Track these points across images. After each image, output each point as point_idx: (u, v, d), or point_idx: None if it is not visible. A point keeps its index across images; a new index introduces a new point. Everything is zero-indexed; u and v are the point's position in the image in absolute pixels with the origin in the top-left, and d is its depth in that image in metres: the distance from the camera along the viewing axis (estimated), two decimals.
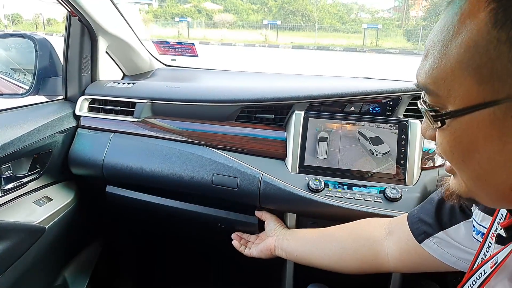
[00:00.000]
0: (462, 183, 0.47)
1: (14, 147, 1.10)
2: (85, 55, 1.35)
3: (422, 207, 0.78)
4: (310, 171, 1.11)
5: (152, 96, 1.29)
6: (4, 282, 1.10)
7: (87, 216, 1.34)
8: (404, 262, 0.80)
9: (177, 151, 1.21)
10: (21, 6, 21.12)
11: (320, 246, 0.94)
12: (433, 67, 0.42)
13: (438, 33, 0.42)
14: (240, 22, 23.86)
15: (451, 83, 0.40)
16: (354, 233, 0.91)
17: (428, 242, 0.73)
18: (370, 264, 0.87)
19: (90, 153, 1.29)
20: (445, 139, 0.44)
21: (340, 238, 0.92)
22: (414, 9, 23.82)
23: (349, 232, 0.92)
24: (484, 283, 0.50)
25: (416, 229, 0.76)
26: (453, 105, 0.41)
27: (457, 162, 0.44)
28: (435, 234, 0.72)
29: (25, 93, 1.36)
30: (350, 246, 0.89)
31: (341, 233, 0.94)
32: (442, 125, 0.43)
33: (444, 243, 0.71)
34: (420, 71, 0.45)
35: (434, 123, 0.44)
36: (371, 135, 1.10)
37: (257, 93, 1.22)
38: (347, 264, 0.89)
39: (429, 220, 0.73)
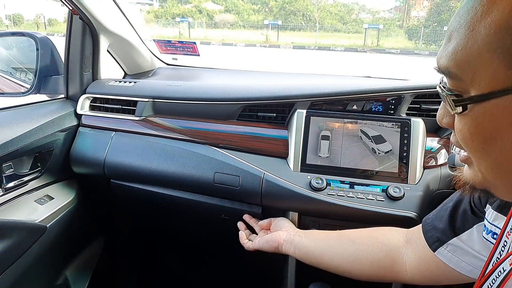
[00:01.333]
0: (478, 173, 0.45)
1: (15, 145, 1.09)
2: (87, 54, 1.34)
3: (437, 214, 0.75)
4: (312, 170, 1.10)
5: (153, 95, 1.29)
6: (5, 281, 1.09)
7: (88, 215, 1.34)
8: (422, 272, 0.77)
9: (178, 149, 1.21)
10: (22, 6, 21.14)
11: (335, 245, 0.90)
12: (457, 49, 0.40)
13: (464, 14, 0.40)
14: (241, 22, 23.86)
15: (477, 66, 0.38)
16: (372, 237, 0.87)
17: (442, 250, 0.71)
18: (385, 270, 0.82)
19: (92, 151, 1.29)
20: (466, 125, 0.42)
21: (357, 240, 0.88)
22: (415, 9, 23.81)
23: (368, 235, 0.88)
24: (504, 281, 0.49)
25: (430, 237, 0.74)
26: (477, 90, 0.39)
27: (477, 150, 0.43)
28: (448, 241, 0.70)
29: (27, 91, 1.36)
30: (367, 249, 0.85)
31: (358, 234, 0.90)
32: (464, 111, 0.41)
33: (458, 250, 0.69)
34: (442, 54, 0.43)
35: (455, 108, 0.42)
36: (373, 133, 1.10)
37: (258, 91, 1.21)
38: (361, 268, 0.85)
39: (442, 227, 0.71)
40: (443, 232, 0.70)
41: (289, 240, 0.97)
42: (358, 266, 0.85)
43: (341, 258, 0.87)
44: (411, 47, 17.76)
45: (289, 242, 0.97)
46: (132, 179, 1.27)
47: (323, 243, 0.92)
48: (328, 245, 0.90)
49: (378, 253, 0.83)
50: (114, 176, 1.28)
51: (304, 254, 0.94)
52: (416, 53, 16.48)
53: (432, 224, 0.75)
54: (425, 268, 0.75)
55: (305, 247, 0.94)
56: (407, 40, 18.96)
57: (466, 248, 0.67)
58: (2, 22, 20.63)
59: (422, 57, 15.34)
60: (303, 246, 0.94)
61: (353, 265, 0.85)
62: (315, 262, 0.92)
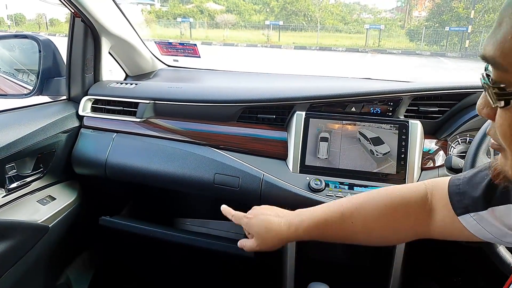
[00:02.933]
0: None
1: (18, 146, 1.11)
2: (88, 56, 1.36)
3: (469, 179, 0.66)
4: (311, 171, 1.11)
5: (154, 97, 1.30)
6: (8, 280, 1.11)
7: (89, 215, 1.35)
8: (439, 228, 0.70)
9: (179, 151, 1.23)
10: (24, 6, 21.19)
11: (362, 206, 0.75)
12: (506, 38, 0.36)
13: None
14: (242, 23, 23.86)
15: None
16: (394, 195, 0.74)
17: (468, 217, 0.64)
18: (407, 230, 0.73)
19: (93, 153, 1.30)
20: (508, 120, 0.39)
21: (382, 200, 0.75)
22: (416, 9, 23.79)
23: (388, 195, 0.75)
24: None
25: (458, 201, 0.65)
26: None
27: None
28: (479, 212, 0.63)
29: (29, 93, 1.37)
30: (392, 211, 0.73)
31: (381, 194, 0.76)
32: (506, 105, 0.38)
33: (485, 221, 0.62)
34: (489, 42, 0.39)
35: (497, 101, 0.39)
36: (371, 135, 1.11)
37: (258, 93, 1.23)
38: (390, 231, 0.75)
39: (474, 195, 0.63)
40: (475, 201, 0.63)
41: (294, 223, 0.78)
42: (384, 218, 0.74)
43: (370, 220, 0.74)
44: (412, 48, 17.75)
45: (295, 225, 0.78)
46: (133, 180, 1.28)
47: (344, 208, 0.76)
48: (354, 207, 0.76)
49: (403, 214, 0.73)
50: (116, 177, 1.30)
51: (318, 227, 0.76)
52: (417, 53, 16.47)
53: (462, 188, 0.66)
54: (442, 226, 0.69)
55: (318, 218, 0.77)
56: (408, 41, 18.93)
57: (495, 222, 0.62)
58: (4, 22, 20.68)
59: (424, 57, 15.33)
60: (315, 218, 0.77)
61: (383, 228, 0.74)
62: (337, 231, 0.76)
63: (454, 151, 1.13)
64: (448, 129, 1.13)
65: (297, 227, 0.76)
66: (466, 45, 16.31)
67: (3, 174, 1.10)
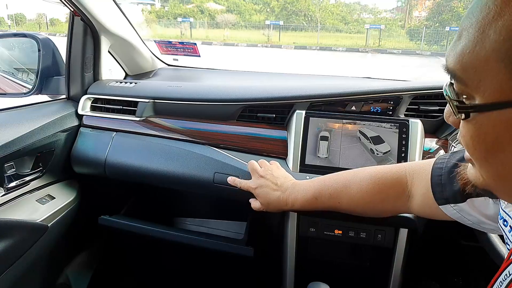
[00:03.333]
0: (480, 176, 0.43)
1: (17, 145, 1.10)
2: (88, 55, 1.35)
3: (450, 171, 0.68)
4: (311, 170, 1.11)
5: (154, 96, 1.30)
6: (7, 280, 1.11)
7: (89, 215, 1.35)
8: (422, 210, 0.77)
9: (178, 150, 1.22)
10: (24, 6, 21.19)
11: (350, 182, 0.87)
12: (465, 51, 0.37)
13: (476, 11, 0.36)
14: (242, 23, 23.86)
15: (483, 74, 0.35)
16: (377, 175, 0.84)
17: (448, 207, 0.68)
18: (392, 205, 0.83)
19: (93, 152, 1.30)
20: (468, 132, 0.40)
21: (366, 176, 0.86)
22: (417, 9, 23.77)
23: (371, 174, 0.86)
24: (509, 286, 0.47)
25: (439, 192, 0.70)
26: (482, 98, 0.36)
27: (479, 158, 0.41)
28: (458, 203, 0.67)
29: (28, 92, 1.37)
30: (376, 186, 0.83)
31: (365, 173, 0.87)
32: (466, 118, 0.39)
33: (465, 211, 0.66)
34: (450, 53, 0.39)
35: (458, 114, 0.40)
36: (372, 134, 1.10)
37: (258, 92, 1.22)
38: (375, 204, 0.84)
39: (455, 188, 0.66)
40: (454, 195, 0.67)
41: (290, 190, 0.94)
42: (373, 202, 0.84)
43: (358, 195, 0.85)
44: (412, 48, 17.74)
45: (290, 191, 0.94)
46: (133, 179, 1.28)
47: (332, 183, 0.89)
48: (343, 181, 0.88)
49: (387, 189, 0.82)
50: (115, 176, 1.30)
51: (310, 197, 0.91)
52: (417, 53, 16.46)
53: (443, 180, 0.69)
54: (427, 209, 0.75)
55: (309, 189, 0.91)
56: (408, 41, 18.92)
57: (473, 212, 0.65)
58: (4, 22, 20.68)
59: (424, 57, 15.33)
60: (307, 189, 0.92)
61: (369, 201, 0.84)
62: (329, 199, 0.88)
63: (455, 150, 1.13)
64: (449, 128, 1.13)
65: (293, 203, 0.92)
66: None
67: (2, 173, 1.09)
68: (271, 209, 0.97)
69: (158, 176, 1.22)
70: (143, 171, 1.23)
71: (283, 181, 0.97)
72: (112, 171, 1.27)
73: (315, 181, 0.93)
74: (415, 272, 1.35)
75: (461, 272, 1.41)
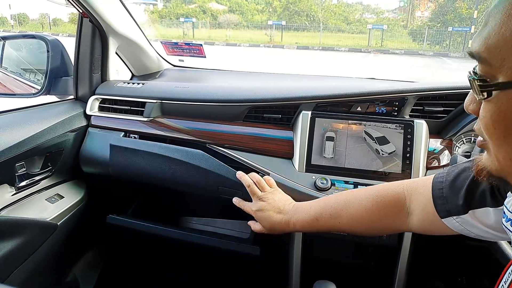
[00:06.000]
0: (495, 161, 0.45)
1: (27, 145, 1.12)
2: (96, 56, 1.37)
3: (452, 183, 0.70)
4: (317, 170, 1.12)
5: (161, 96, 1.31)
6: (17, 277, 1.12)
7: (97, 214, 1.36)
8: (423, 226, 0.77)
9: (180, 164, 1.24)
10: (27, 6, 21.25)
11: (350, 202, 0.87)
12: (490, 34, 0.40)
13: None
14: (245, 23, 23.87)
15: (507, 53, 0.39)
16: (376, 193, 0.85)
17: (451, 219, 0.69)
18: (391, 222, 0.82)
19: (101, 151, 1.32)
20: (489, 112, 0.42)
21: (360, 198, 0.86)
22: (419, 9, 23.74)
23: (372, 193, 0.86)
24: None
25: (441, 205, 0.70)
26: (504, 76, 0.39)
27: (498, 138, 0.43)
28: (461, 215, 0.67)
29: (37, 93, 1.39)
30: (376, 205, 0.83)
31: (363, 192, 0.87)
32: (488, 96, 0.42)
33: (468, 223, 0.67)
34: (476, 38, 0.43)
35: (480, 93, 0.42)
36: (377, 134, 1.12)
37: (264, 93, 1.24)
38: (373, 224, 0.84)
39: (456, 201, 0.67)
40: (456, 207, 0.68)
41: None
42: (371, 222, 0.84)
43: (357, 214, 0.85)
44: (415, 48, 17.72)
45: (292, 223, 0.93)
46: (139, 179, 1.30)
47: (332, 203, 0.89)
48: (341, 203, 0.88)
49: (386, 208, 0.82)
50: (122, 176, 1.31)
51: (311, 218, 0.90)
52: (420, 53, 16.44)
53: (445, 193, 0.70)
54: (428, 225, 0.75)
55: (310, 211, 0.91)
56: (411, 41, 18.90)
57: (475, 223, 0.66)
58: (7, 22, 20.75)
59: (427, 57, 15.31)
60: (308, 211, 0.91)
61: (369, 221, 0.84)
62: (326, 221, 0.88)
63: (459, 151, 1.14)
64: (453, 129, 1.14)
65: (295, 225, 0.92)
66: (469, 45, 16.24)
67: (13, 173, 1.11)
68: (273, 232, 0.96)
69: (161, 178, 1.24)
70: (149, 172, 1.25)
71: (284, 203, 0.97)
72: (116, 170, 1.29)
73: (316, 202, 0.93)
74: (419, 271, 1.36)
75: (466, 271, 1.42)
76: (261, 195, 1.00)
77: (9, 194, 1.12)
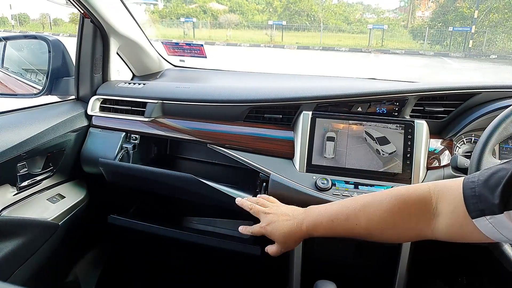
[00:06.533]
0: None
1: (29, 145, 1.13)
2: (97, 56, 1.38)
3: (485, 183, 0.65)
4: (318, 170, 1.13)
5: (162, 96, 1.32)
6: (19, 277, 1.13)
7: (98, 214, 1.37)
8: (450, 232, 0.70)
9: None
10: (28, 6, 21.26)
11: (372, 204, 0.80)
12: None
13: None
14: (245, 23, 23.86)
15: None
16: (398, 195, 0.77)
17: (483, 220, 0.64)
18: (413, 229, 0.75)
19: (102, 152, 1.32)
20: None
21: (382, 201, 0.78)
22: (420, 9, 23.72)
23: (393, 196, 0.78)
24: None
25: (473, 204, 0.65)
26: None
27: None
28: (495, 215, 0.62)
29: (38, 93, 1.39)
30: (397, 209, 0.76)
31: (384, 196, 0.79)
32: None
33: (501, 224, 0.62)
34: None
35: None
36: (377, 135, 1.12)
37: (265, 93, 1.24)
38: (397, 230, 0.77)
39: (491, 200, 0.63)
40: (491, 206, 0.63)
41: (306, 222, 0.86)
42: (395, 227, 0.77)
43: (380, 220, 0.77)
44: (415, 48, 17.70)
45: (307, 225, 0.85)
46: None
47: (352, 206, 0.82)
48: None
49: (410, 213, 0.74)
50: None
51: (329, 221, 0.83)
52: (420, 53, 16.43)
53: (477, 191, 0.65)
54: (456, 228, 0.69)
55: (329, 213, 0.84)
56: (411, 41, 18.89)
57: (509, 224, 0.61)
58: (8, 22, 20.76)
59: (427, 57, 15.30)
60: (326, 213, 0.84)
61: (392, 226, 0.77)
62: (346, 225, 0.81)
63: (460, 151, 1.14)
64: (454, 129, 1.14)
65: (307, 228, 0.85)
66: (469, 45, 16.26)
67: (14, 173, 1.12)
68: (288, 243, 0.88)
69: None
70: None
71: (292, 210, 0.92)
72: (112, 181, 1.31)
73: (330, 204, 0.87)
74: (420, 271, 1.36)
75: (466, 271, 1.42)
76: (266, 210, 0.94)
77: (11, 194, 1.13)
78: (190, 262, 1.66)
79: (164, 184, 1.24)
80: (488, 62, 13.96)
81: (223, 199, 1.17)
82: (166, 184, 1.23)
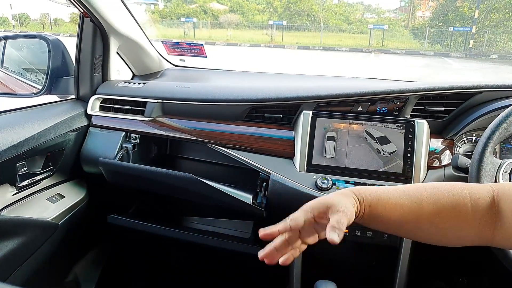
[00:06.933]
0: None
1: (28, 145, 1.12)
2: (97, 56, 1.37)
3: None
4: (318, 170, 1.12)
5: (162, 96, 1.31)
6: (18, 277, 1.13)
7: (98, 214, 1.37)
8: (502, 231, 0.63)
9: None
10: (28, 6, 21.27)
11: None
12: None
13: None
14: (245, 23, 23.85)
15: None
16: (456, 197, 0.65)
17: None
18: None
19: (102, 151, 1.32)
20: None
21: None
22: (420, 9, 23.70)
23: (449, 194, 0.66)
24: None
25: None
26: None
27: None
28: None
29: (38, 92, 1.39)
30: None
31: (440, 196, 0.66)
32: None
33: None
34: None
35: None
36: (378, 134, 1.12)
37: (265, 93, 1.24)
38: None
39: None
40: None
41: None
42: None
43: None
44: (416, 48, 17.69)
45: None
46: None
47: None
48: None
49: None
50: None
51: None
52: (421, 53, 16.41)
53: None
54: (509, 233, 0.62)
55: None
56: (412, 41, 18.87)
57: None
58: (8, 22, 20.77)
59: (427, 57, 15.29)
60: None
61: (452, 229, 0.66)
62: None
63: (460, 151, 1.14)
64: (454, 129, 1.14)
65: (362, 196, 0.67)
66: (470, 45, 16.25)
67: (14, 172, 1.11)
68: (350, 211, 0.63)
69: None
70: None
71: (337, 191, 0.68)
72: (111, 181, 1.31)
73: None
74: (420, 271, 1.36)
75: (467, 271, 1.42)
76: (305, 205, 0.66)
77: (10, 194, 1.12)
78: (190, 262, 1.65)
79: (164, 184, 1.24)
80: (488, 62, 13.94)
81: (223, 199, 1.17)
82: (166, 183, 1.23)
